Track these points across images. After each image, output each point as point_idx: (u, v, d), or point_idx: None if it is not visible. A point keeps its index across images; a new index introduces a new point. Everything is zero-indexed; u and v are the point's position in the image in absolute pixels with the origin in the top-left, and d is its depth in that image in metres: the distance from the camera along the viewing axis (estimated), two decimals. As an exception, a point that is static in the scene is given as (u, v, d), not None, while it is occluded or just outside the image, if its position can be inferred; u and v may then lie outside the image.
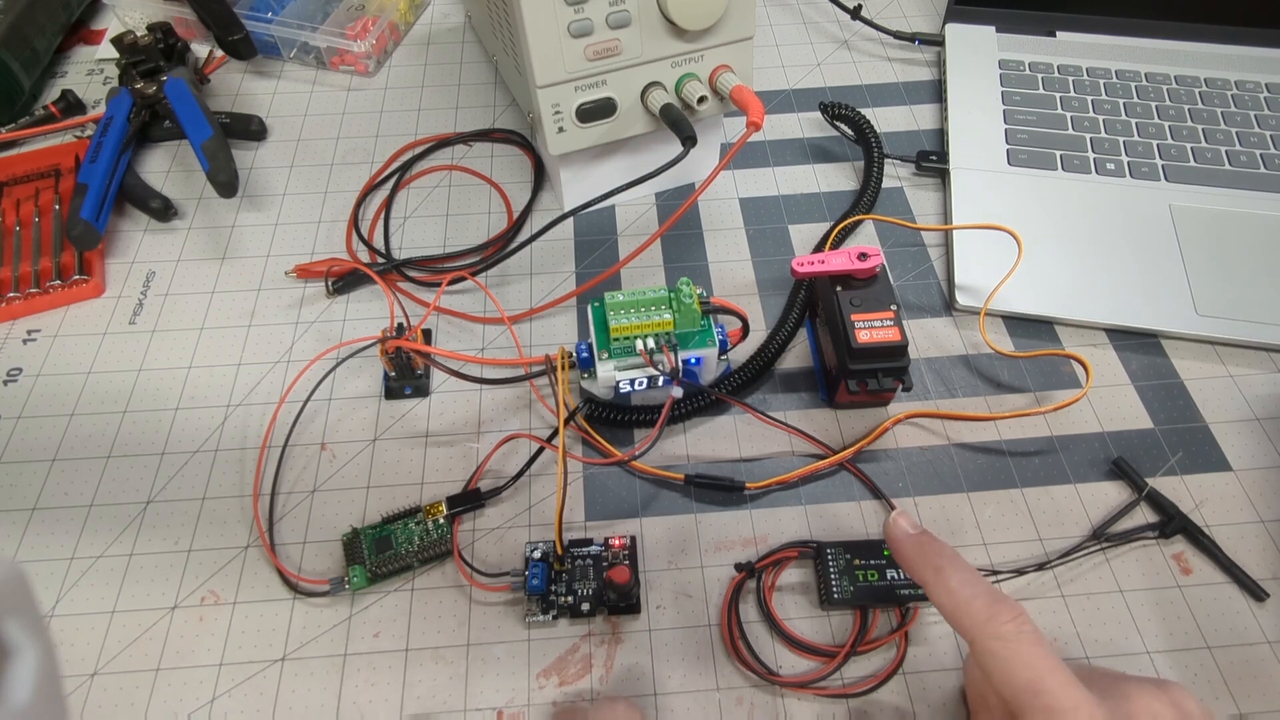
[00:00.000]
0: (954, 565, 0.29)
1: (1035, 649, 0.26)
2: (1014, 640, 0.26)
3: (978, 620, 0.27)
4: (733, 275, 0.49)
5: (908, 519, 0.31)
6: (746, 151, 0.55)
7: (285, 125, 0.57)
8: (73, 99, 0.58)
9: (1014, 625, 0.26)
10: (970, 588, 0.28)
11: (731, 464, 0.41)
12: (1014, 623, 0.26)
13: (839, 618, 0.36)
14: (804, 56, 0.62)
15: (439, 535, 0.38)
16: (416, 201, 0.52)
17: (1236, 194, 0.49)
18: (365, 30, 0.58)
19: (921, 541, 0.30)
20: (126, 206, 0.52)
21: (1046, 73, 0.57)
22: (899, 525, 0.31)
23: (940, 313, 0.47)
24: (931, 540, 0.30)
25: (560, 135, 0.44)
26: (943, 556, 0.29)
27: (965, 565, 0.29)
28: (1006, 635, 0.26)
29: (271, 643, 0.36)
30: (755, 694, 0.34)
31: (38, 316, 0.47)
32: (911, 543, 0.30)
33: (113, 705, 0.34)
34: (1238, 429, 0.42)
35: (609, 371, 0.38)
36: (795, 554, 0.38)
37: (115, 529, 0.39)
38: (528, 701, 0.34)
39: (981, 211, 0.49)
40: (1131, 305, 0.45)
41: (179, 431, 0.42)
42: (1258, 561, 0.37)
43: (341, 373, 0.44)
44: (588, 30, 0.40)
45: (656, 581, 0.37)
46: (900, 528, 0.31)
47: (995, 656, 0.26)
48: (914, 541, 0.30)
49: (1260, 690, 0.34)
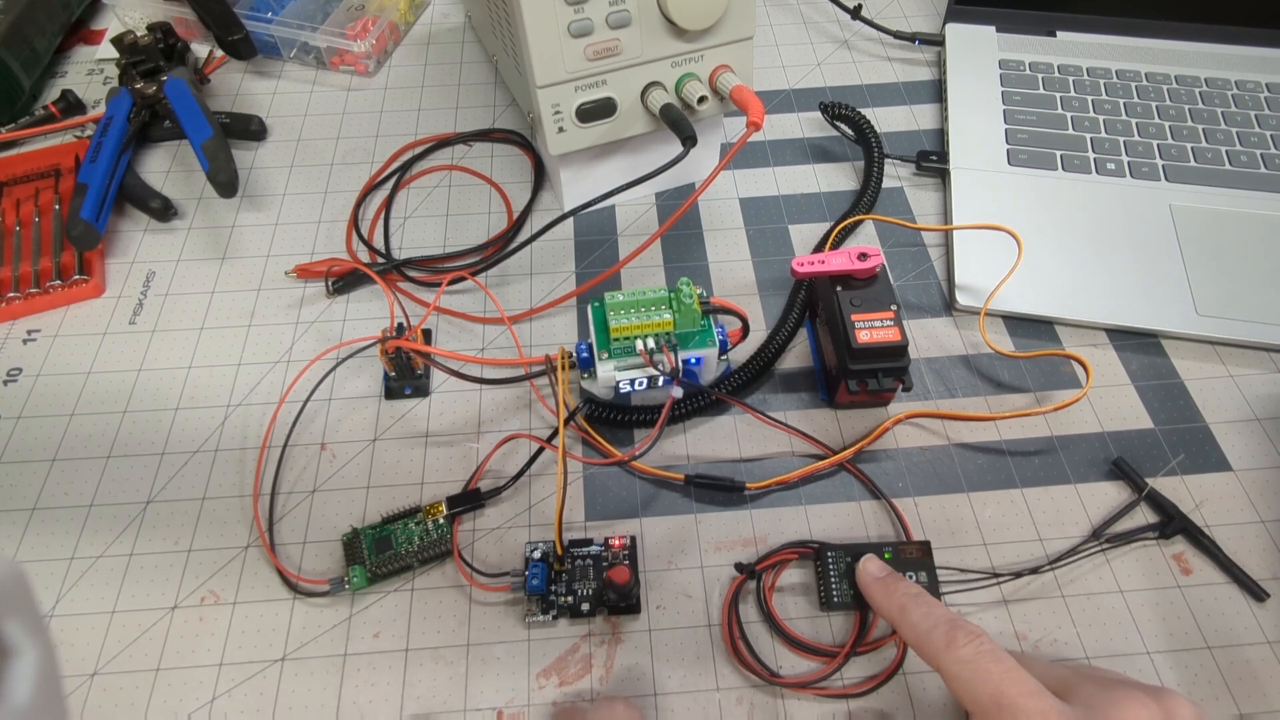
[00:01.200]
0: (915, 601, 0.31)
1: (994, 665, 0.27)
2: (973, 660, 0.27)
3: (939, 648, 0.28)
4: (733, 275, 0.49)
5: (876, 563, 0.34)
6: (746, 151, 0.55)
7: (285, 125, 0.57)
8: (73, 99, 0.58)
9: (972, 647, 0.28)
10: (929, 620, 0.30)
11: (731, 464, 0.41)
12: (971, 644, 0.28)
13: (839, 618, 0.36)
14: (804, 56, 0.62)
15: (439, 535, 0.38)
16: (416, 201, 0.52)
17: (1236, 194, 0.49)
18: (365, 30, 0.58)
19: (887, 583, 0.33)
20: (126, 206, 0.52)
21: (1046, 73, 0.57)
22: (867, 570, 0.34)
23: (940, 313, 0.47)
24: (896, 581, 0.33)
25: (560, 135, 0.44)
26: (906, 595, 0.31)
27: (927, 600, 0.31)
28: (966, 657, 0.27)
29: (271, 643, 0.36)
30: (755, 694, 0.34)
31: (38, 316, 0.47)
32: (878, 585, 0.33)
33: (113, 705, 0.34)
34: (1238, 429, 0.42)
35: (609, 371, 0.38)
36: (795, 555, 0.38)
37: (115, 529, 0.39)
38: (528, 701, 0.34)
39: (981, 211, 0.49)
40: (1131, 305, 0.45)
41: (179, 431, 0.42)
42: (1258, 562, 0.37)
43: (341, 373, 0.44)
44: (588, 30, 0.40)
45: (656, 581, 0.37)
46: (869, 572, 0.34)
47: (959, 679, 0.27)
48: (880, 584, 0.33)
49: (1260, 690, 0.34)
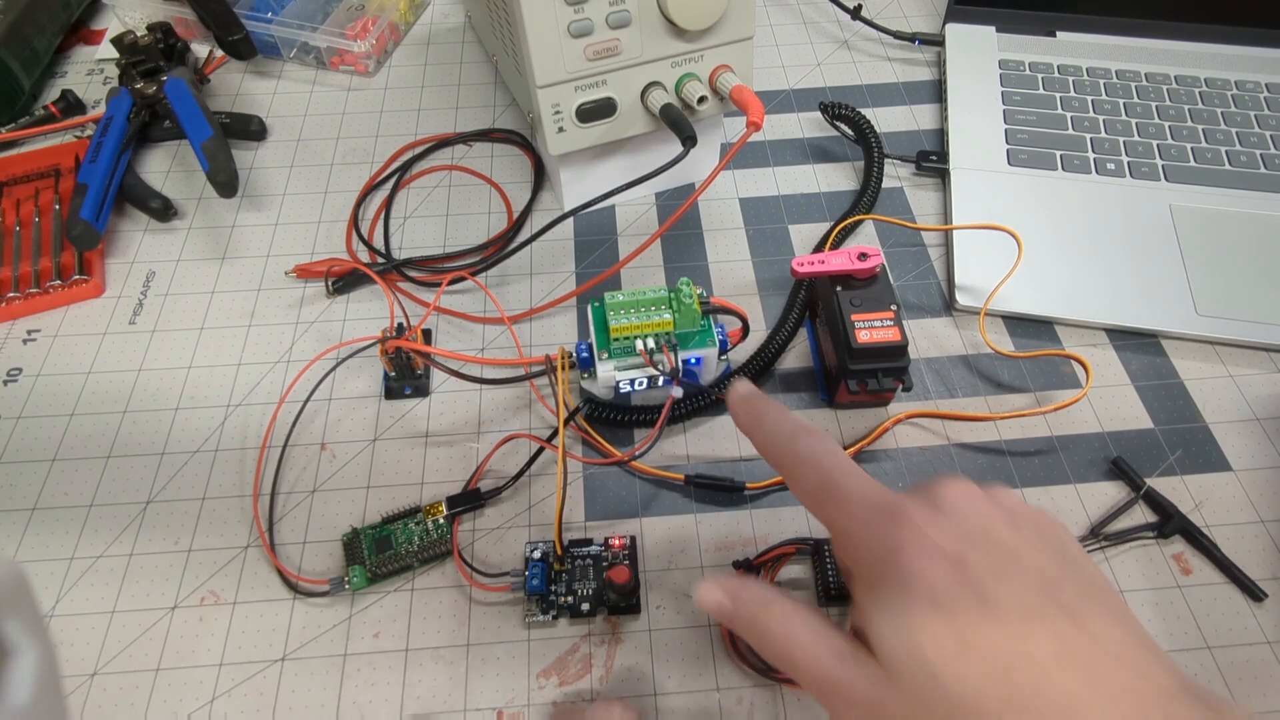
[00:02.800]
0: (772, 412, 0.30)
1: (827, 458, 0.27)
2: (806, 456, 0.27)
3: (783, 446, 0.28)
4: (733, 275, 0.49)
5: (746, 384, 0.32)
6: (746, 151, 0.55)
7: (285, 125, 0.57)
8: (73, 99, 0.57)
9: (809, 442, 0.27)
10: (779, 426, 0.29)
11: (731, 464, 0.41)
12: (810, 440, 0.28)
13: (838, 615, 0.36)
14: (804, 56, 0.62)
15: (439, 535, 0.38)
16: (416, 201, 0.52)
17: (1236, 194, 0.49)
18: (365, 30, 0.58)
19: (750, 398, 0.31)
20: (126, 206, 0.52)
21: (1046, 73, 0.57)
22: (736, 389, 0.31)
23: (940, 313, 0.47)
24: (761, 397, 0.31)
25: (560, 135, 0.44)
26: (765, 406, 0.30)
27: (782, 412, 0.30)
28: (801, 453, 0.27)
29: (271, 643, 0.36)
30: (755, 694, 0.34)
31: (38, 316, 0.47)
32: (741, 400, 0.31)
33: (113, 705, 0.34)
34: (1238, 429, 0.42)
35: (609, 371, 0.38)
36: (793, 550, 0.38)
37: (115, 529, 0.39)
38: (528, 701, 0.34)
39: (981, 211, 0.49)
40: (1131, 305, 0.45)
41: (179, 431, 0.42)
42: (1258, 562, 0.37)
43: (341, 373, 0.44)
44: (588, 30, 0.40)
45: (656, 581, 0.37)
46: (736, 390, 0.31)
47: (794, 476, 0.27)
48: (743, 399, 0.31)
49: (1260, 690, 0.34)
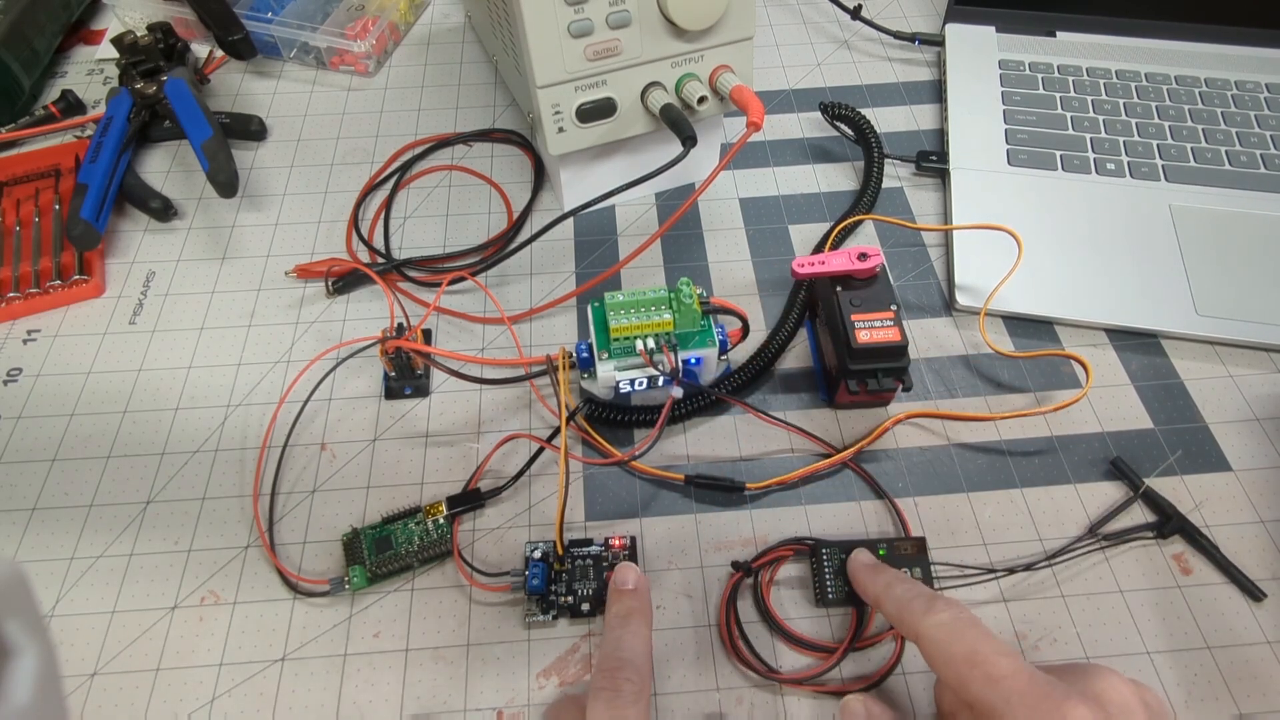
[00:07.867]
0: (899, 579, 0.32)
1: (970, 628, 0.27)
2: (950, 624, 0.28)
3: (918, 614, 0.29)
4: (733, 275, 0.49)
5: (866, 555, 0.35)
6: (746, 151, 0.55)
7: (285, 125, 0.57)
8: (73, 99, 0.57)
9: (950, 613, 0.28)
10: (911, 591, 0.30)
11: (731, 464, 0.41)
12: (949, 610, 0.28)
13: (837, 616, 0.36)
14: (804, 56, 0.62)
15: (439, 535, 0.38)
16: (416, 201, 0.52)
17: (1236, 194, 0.49)
18: (365, 30, 0.58)
19: (875, 568, 0.34)
20: (126, 206, 0.52)
21: (1046, 73, 0.57)
22: (858, 559, 0.35)
23: (940, 313, 0.47)
24: (884, 569, 0.34)
25: (560, 135, 0.44)
26: (893, 575, 0.33)
27: (911, 579, 0.32)
28: (943, 621, 0.28)
29: (271, 643, 0.36)
30: (755, 694, 0.34)
31: (38, 316, 0.47)
32: (866, 571, 0.34)
33: (113, 705, 0.34)
34: (1238, 429, 0.42)
35: (609, 371, 0.38)
36: (791, 551, 0.38)
37: (115, 529, 0.39)
38: (528, 701, 0.34)
39: (981, 211, 0.49)
40: (1131, 305, 0.45)
41: (179, 431, 0.42)
42: (1258, 562, 0.37)
43: (341, 373, 0.44)
44: (588, 30, 0.40)
45: (656, 581, 0.37)
46: (858, 561, 0.35)
47: (935, 642, 0.28)
48: (868, 570, 0.34)
49: (1260, 690, 0.34)
